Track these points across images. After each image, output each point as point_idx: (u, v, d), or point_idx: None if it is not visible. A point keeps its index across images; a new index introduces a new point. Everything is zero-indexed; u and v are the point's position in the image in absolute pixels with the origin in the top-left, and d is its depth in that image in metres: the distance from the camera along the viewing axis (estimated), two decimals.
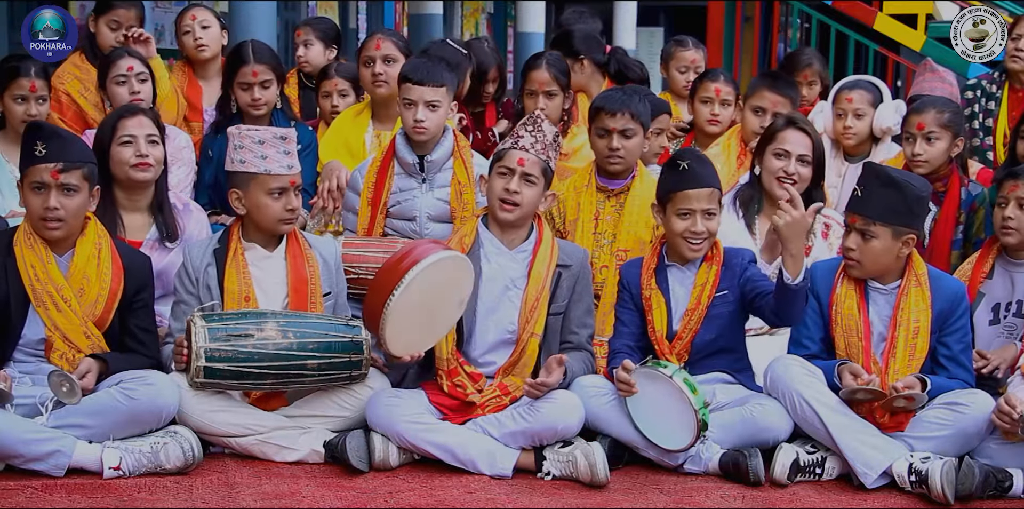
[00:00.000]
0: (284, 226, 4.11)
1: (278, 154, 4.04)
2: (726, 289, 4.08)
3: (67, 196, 3.89)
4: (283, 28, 10.03)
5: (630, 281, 4.18)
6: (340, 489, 3.75)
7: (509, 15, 16.51)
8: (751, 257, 4.16)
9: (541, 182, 4.10)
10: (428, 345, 3.93)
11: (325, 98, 5.66)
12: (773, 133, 4.63)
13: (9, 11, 7.95)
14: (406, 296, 3.71)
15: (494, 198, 4.09)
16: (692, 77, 6.15)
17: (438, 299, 3.84)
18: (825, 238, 4.59)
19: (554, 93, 5.33)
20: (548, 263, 4.10)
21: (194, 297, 4.08)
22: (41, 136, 3.89)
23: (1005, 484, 3.77)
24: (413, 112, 4.57)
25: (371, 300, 3.77)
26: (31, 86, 4.95)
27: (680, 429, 3.81)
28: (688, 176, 4.06)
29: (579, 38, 5.95)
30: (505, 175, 4.08)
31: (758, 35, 12.37)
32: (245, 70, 5.17)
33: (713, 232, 4.08)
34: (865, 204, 3.95)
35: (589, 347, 4.20)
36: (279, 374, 3.85)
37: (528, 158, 4.07)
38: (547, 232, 4.19)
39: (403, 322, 3.76)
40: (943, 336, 3.98)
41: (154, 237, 4.47)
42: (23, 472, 3.72)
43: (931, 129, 4.72)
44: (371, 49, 5.20)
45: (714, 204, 4.07)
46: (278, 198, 4.05)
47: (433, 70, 4.61)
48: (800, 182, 4.54)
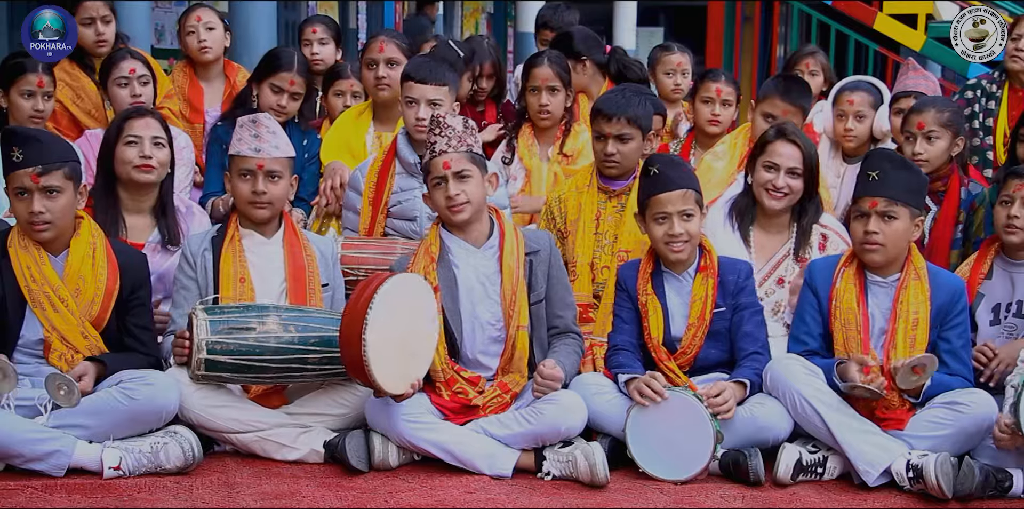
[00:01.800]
0: (254, 210, 4.13)
1: (249, 137, 4.11)
2: (723, 306, 4.10)
3: (50, 198, 3.88)
4: (283, 28, 10.02)
5: (627, 284, 4.19)
6: (340, 489, 3.75)
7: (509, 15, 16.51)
8: (747, 272, 4.16)
9: (476, 171, 4.05)
10: (422, 370, 3.89)
11: (337, 96, 5.64)
12: (764, 144, 4.52)
13: (9, 11, 7.95)
14: (376, 335, 3.64)
15: (441, 208, 4.05)
16: (679, 80, 6.20)
17: (408, 324, 3.79)
18: (822, 250, 4.50)
19: (557, 89, 5.32)
20: (516, 254, 4.08)
21: (193, 281, 4.10)
22: (16, 141, 3.88)
23: (1005, 484, 3.78)
24: (415, 110, 4.57)
25: (347, 352, 3.70)
26: (39, 81, 4.96)
27: (689, 455, 3.80)
28: (659, 180, 4.08)
29: (579, 39, 5.95)
30: (440, 184, 4.03)
31: (758, 35, 12.35)
32: (285, 75, 5.13)
33: (693, 233, 4.08)
34: (885, 186, 3.98)
35: (576, 328, 4.20)
36: (280, 368, 3.85)
37: (450, 158, 4.02)
38: (506, 222, 4.16)
39: (387, 360, 3.69)
40: (943, 331, 3.99)
41: (156, 240, 4.46)
42: (23, 472, 3.72)
43: (931, 128, 4.72)
44: (375, 51, 5.20)
45: (690, 205, 4.06)
46: (246, 180, 4.10)
47: (436, 69, 4.62)
48: (791, 194, 4.45)
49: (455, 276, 4.06)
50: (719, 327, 4.09)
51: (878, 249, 4.00)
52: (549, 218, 4.73)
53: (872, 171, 4.01)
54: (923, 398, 3.89)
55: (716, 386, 3.91)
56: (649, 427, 3.85)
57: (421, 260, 4.07)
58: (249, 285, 4.10)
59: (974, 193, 4.77)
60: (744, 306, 4.11)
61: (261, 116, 4.23)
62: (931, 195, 4.64)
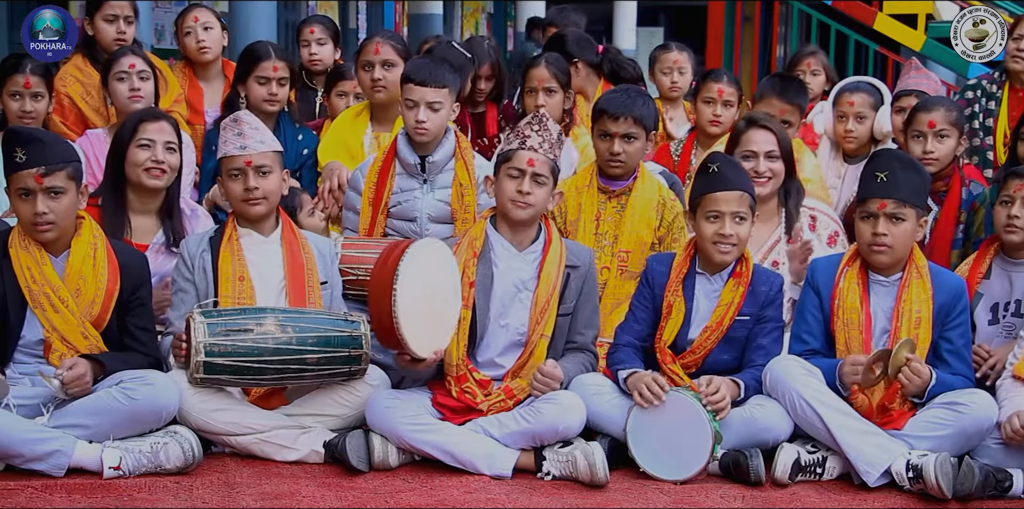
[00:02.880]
0: (249, 207, 4.13)
1: (233, 136, 4.13)
2: (748, 314, 4.08)
3: (54, 199, 3.87)
4: (283, 28, 10.03)
5: (655, 280, 4.15)
6: (340, 489, 3.75)
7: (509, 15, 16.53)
8: (779, 285, 4.15)
9: (550, 181, 4.11)
10: (444, 341, 3.91)
11: (340, 97, 5.63)
12: (737, 137, 4.61)
13: (9, 11, 7.96)
14: (406, 291, 3.72)
15: (505, 199, 4.08)
16: (676, 78, 6.23)
17: (435, 287, 3.86)
18: (813, 230, 4.59)
19: (554, 90, 5.31)
20: (558, 264, 4.10)
21: (191, 283, 4.10)
22: (19, 142, 3.87)
23: (1005, 484, 3.77)
24: (415, 113, 4.56)
25: (376, 309, 3.78)
26: (26, 82, 4.96)
27: (688, 455, 3.80)
28: (717, 178, 4.07)
29: (571, 41, 5.95)
30: (516, 177, 4.07)
31: (758, 35, 12.37)
32: (266, 65, 5.20)
33: (743, 238, 4.06)
34: (895, 187, 3.97)
35: (593, 349, 4.20)
36: (278, 369, 3.85)
37: (538, 159, 4.07)
38: (555, 232, 4.19)
39: (414, 320, 3.76)
40: (945, 331, 3.99)
41: (160, 241, 4.46)
42: (23, 472, 3.72)
43: (942, 127, 4.74)
44: (370, 53, 5.18)
45: (744, 208, 4.06)
46: (236, 179, 4.11)
47: (436, 71, 4.60)
48: (774, 178, 4.54)
49: (492, 275, 4.07)
50: (738, 334, 4.07)
51: (886, 251, 4.00)
52: (550, 217, 4.71)
53: (880, 172, 3.99)
54: (927, 397, 3.89)
55: (712, 383, 3.89)
56: (649, 427, 3.85)
57: (464, 252, 4.07)
58: (248, 284, 4.10)
59: (975, 193, 4.78)
60: (767, 319, 4.09)
61: (241, 114, 4.25)
62: (932, 195, 4.64)
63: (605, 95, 4.80)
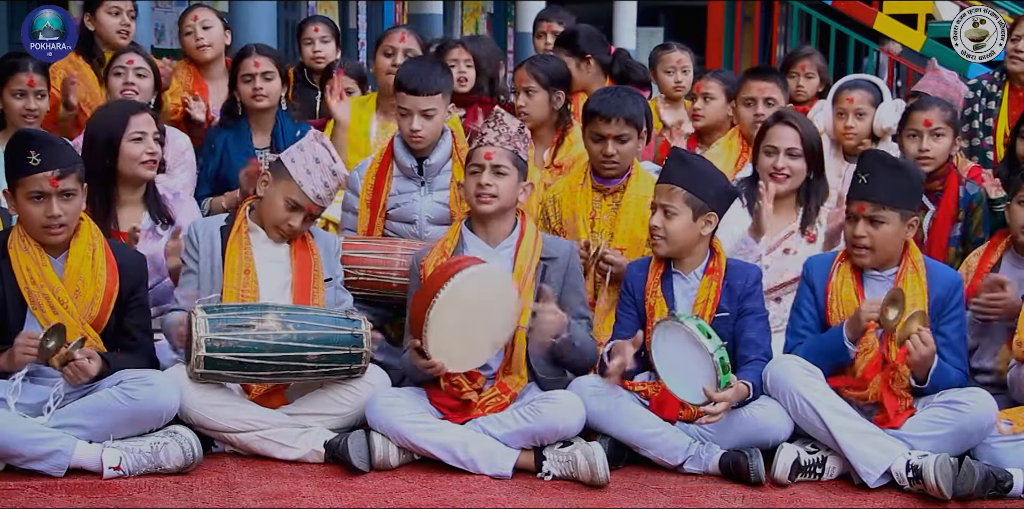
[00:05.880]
0: (276, 234, 4.17)
1: (321, 178, 4.12)
2: (727, 311, 4.06)
3: (67, 201, 3.87)
4: (283, 28, 10.03)
5: (633, 284, 4.17)
6: (340, 489, 3.75)
7: (509, 15, 16.52)
8: (756, 277, 4.13)
9: (514, 172, 4.10)
10: (467, 361, 3.91)
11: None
12: (764, 130, 4.68)
13: (9, 11, 7.97)
14: (456, 298, 3.74)
15: (470, 195, 4.11)
16: (679, 77, 6.28)
17: (481, 311, 3.84)
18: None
19: (532, 90, 5.21)
20: (531, 257, 4.10)
21: (197, 264, 4.15)
22: (33, 145, 3.85)
23: (1005, 484, 3.77)
24: (409, 122, 4.55)
25: (421, 293, 3.83)
26: (29, 81, 4.99)
27: (703, 378, 3.74)
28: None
29: (584, 37, 5.94)
30: (476, 172, 4.09)
31: (758, 35, 12.39)
32: (247, 62, 5.26)
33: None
34: (873, 190, 3.96)
35: (588, 314, 4.22)
36: (279, 365, 3.85)
37: (494, 151, 4.08)
38: (530, 226, 4.18)
39: (444, 324, 3.77)
40: (940, 325, 3.99)
41: (147, 226, 4.49)
42: (23, 472, 3.72)
43: (938, 125, 4.75)
44: (395, 40, 5.30)
45: (675, 202, 4.02)
46: (291, 209, 4.12)
47: (427, 78, 4.56)
48: (793, 175, 4.56)
49: None
50: (722, 332, 4.05)
51: (866, 253, 4.01)
52: (544, 218, 4.72)
53: (862, 173, 4.00)
54: (929, 382, 3.87)
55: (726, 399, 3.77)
56: (667, 352, 3.83)
57: (435, 254, 4.09)
58: (253, 277, 4.12)
59: (972, 193, 4.78)
60: (749, 311, 4.07)
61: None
62: (929, 195, 4.66)
63: (595, 96, 4.75)
